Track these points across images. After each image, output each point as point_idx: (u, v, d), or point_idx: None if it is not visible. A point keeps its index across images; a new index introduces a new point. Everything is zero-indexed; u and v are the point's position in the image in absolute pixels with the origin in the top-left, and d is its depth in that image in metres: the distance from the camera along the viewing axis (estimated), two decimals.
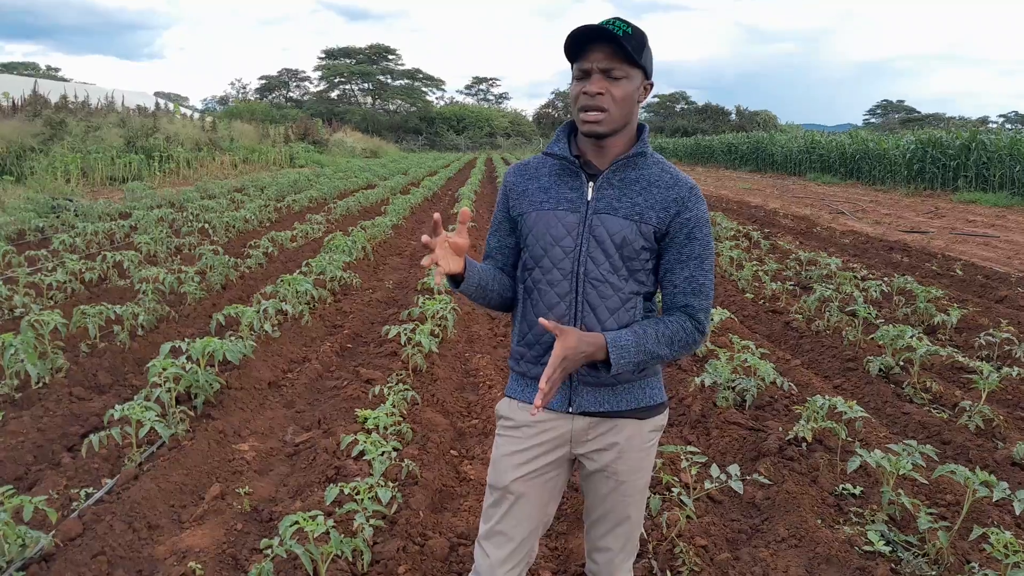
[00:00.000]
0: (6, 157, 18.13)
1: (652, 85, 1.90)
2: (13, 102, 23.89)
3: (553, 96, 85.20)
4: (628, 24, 1.80)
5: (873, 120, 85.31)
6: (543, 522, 2.07)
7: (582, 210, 1.90)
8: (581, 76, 1.83)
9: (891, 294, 7.82)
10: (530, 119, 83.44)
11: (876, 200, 21.28)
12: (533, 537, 2.05)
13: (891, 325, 5.65)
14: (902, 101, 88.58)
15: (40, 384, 4.88)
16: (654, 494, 3.38)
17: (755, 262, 9.11)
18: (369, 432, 3.82)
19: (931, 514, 3.33)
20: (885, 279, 8.42)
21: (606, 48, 1.78)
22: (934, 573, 3.01)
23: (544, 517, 2.06)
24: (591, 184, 1.91)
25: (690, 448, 3.40)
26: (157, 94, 49.93)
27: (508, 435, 2.02)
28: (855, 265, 9.72)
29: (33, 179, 17.58)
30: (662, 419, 2.02)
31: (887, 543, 3.21)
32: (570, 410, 1.94)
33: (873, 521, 3.39)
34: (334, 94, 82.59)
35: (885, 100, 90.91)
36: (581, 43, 1.80)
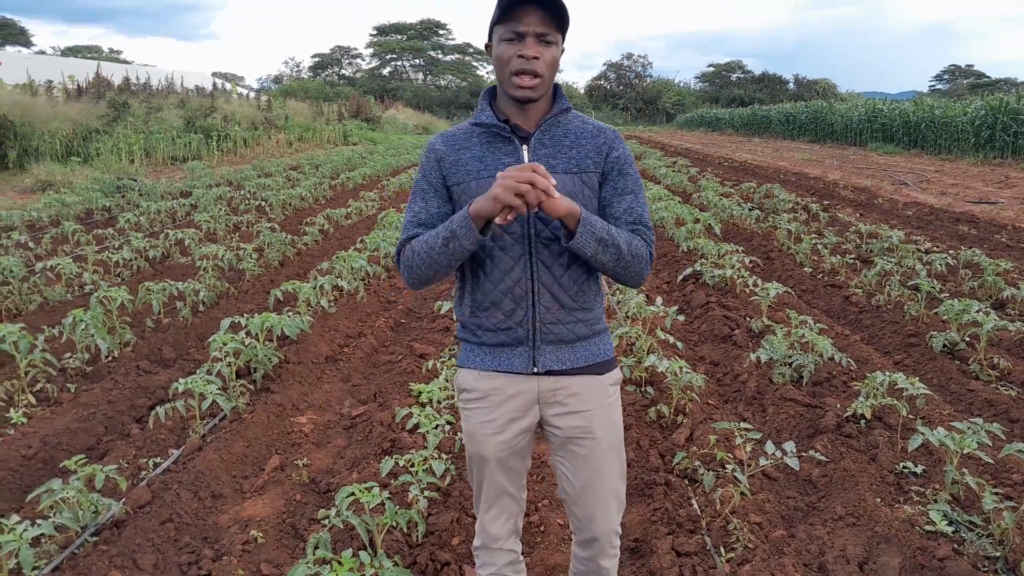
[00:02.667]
0: (73, 139, 18.74)
1: (564, 50, 1.94)
2: (78, 85, 24.64)
3: (605, 68, 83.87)
4: None
5: (939, 86, 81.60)
6: (525, 471, 2.13)
7: None
8: (513, 39, 1.82)
9: (957, 267, 7.55)
10: (581, 91, 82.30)
11: (941, 170, 20.49)
12: (520, 490, 2.12)
13: (956, 299, 5.46)
14: (971, 66, 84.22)
15: (109, 358, 5.08)
16: (707, 470, 3.35)
17: (814, 235, 8.88)
18: (423, 405, 3.88)
19: (997, 494, 3.24)
20: (950, 252, 8.13)
21: (542, 12, 1.79)
22: (999, 554, 2.93)
23: (525, 469, 2.12)
24: (525, 147, 1.93)
25: (744, 424, 3.35)
26: (214, 74, 50.88)
27: (475, 407, 2.02)
28: (918, 237, 9.41)
29: (99, 160, 18.18)
30: (617, 374, 2.09)
31: (949, 523, 3.14)
32: (535, 370, 1.95)
33: (935, 501, 3.31)
34: (386, 71, 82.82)
35: (953, 65, 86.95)
36: (516, 4, 1.78)
